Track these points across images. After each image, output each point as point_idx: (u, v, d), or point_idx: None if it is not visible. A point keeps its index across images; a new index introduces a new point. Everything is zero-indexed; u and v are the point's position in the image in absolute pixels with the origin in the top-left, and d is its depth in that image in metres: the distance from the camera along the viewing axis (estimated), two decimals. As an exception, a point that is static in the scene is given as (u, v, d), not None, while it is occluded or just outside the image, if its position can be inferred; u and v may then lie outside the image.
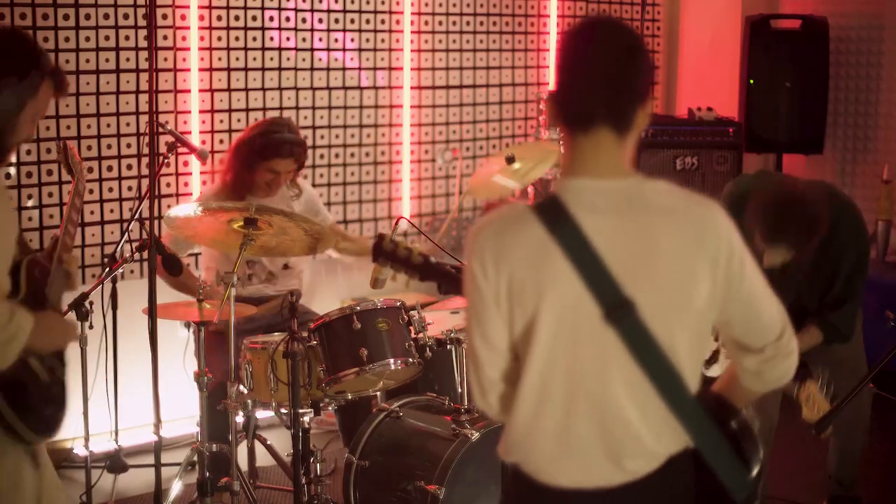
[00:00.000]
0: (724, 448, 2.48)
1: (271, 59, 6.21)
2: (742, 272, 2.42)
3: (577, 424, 2.41)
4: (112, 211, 5.77)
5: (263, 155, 5.15)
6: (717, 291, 2.40)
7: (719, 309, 2.43)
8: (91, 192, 5.69)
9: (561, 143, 2.48)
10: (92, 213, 5.71)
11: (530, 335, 2.39)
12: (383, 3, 6.58)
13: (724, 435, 2.49)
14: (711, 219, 2.41)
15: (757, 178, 4.69)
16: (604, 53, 2.37)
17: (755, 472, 2.56)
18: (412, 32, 6.71)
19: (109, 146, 5.74)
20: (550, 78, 7.32)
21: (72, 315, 4.47)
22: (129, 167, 5.79)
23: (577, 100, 2.40)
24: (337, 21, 6.42)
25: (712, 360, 4.04)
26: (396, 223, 4.90)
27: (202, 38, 5.95)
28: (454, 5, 6.87)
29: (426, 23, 6.77)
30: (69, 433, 5.63)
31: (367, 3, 6.51)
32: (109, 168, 5.74)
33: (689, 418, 2.41)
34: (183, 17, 5.88)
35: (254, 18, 6.12)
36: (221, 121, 6.07)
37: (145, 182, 4.54)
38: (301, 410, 4.37)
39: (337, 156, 6.50)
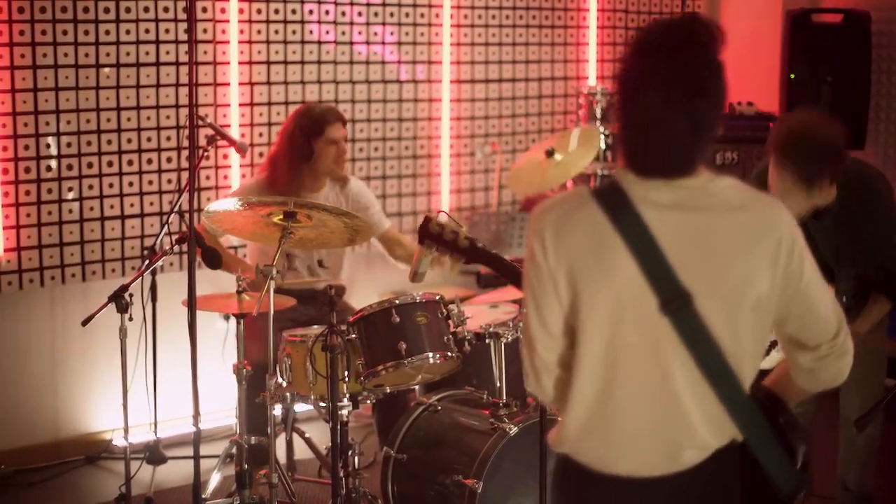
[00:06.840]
0: (772, 442, 2.48)
1: (310, 52, 6.21)
2: (801, 270, 2.42)
3: (636, 417, 2.41)
4: (152, 203, 5.79)
5: (318, 130, 5.20)
6: (776, 288, 2.40)
7: (777, 305, 2.43)
8: (131, 184, 5.72)
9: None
10: (132, 205, 5.73)
11: (588, 323, 2.39)
12: (423, -4, 6.58)
13: (772, 429, 2.48)
14: (773, 216, 2.42)
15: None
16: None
17: (801, 465, 2.56)
18: (452, 26, 6.70)
19: (149, 139, 5.76)
20: (591, 72, 7.29)
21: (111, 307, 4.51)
22: (169, 160, 5.81)
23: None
24: (376, 14, 6.41)
25: (766, 351, 3.99)
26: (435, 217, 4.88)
27: (242, 32, 5.96)
28: (493, -1, 6.86)
29: (465, 16, 6.75)
30: (109, 424, 5.68)
31: (407, -4, 6.52)
32: (149, 161, 5.76)
33: (741, 413, 2.41)
34: (223, 11, 5.89)
35: (293, 12, 6.12)
36: (261, 114, 6.08)
37: (185, 175, 4.55)
38: (339, 403, 4.37)
39: (376, 149, 6.50)
